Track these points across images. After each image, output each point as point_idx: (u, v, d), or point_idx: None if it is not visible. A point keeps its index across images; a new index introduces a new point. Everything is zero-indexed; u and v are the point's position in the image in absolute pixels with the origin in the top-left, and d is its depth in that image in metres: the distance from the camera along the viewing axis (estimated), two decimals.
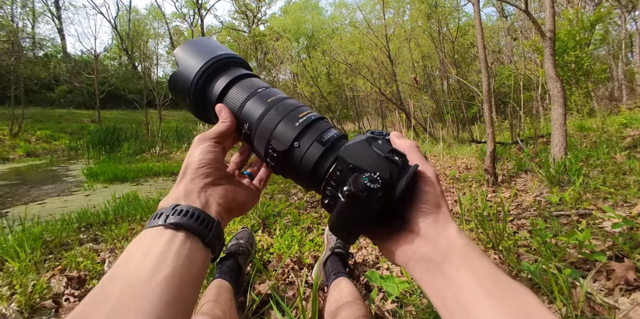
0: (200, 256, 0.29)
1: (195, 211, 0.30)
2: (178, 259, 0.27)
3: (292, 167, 0.37)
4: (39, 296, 1.07)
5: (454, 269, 0.27)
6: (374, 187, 0.28)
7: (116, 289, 0.24)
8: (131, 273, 0.25)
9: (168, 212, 0.30)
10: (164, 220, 0.29)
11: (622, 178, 1.78)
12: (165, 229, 0.28)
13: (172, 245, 0.27)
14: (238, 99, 0.40)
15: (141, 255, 0.27)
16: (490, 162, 2.21)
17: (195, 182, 0.34)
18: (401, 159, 0.31)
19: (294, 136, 0.36)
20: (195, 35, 20.69)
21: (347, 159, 0.31)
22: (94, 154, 6.53)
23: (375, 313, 0.87)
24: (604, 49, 9.25)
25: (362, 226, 0.32)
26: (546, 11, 2.17)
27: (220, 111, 0.39)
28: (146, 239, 0.28)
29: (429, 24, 9.28)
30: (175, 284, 0.25)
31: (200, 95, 0.42)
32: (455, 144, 5.37)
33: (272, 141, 0.36)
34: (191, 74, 0.41)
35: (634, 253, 0.91)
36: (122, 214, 1.97)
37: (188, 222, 0.29)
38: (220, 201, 0.35)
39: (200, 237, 0.29)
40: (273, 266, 1.21)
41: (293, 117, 0.37)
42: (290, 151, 0.36)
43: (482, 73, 2.42)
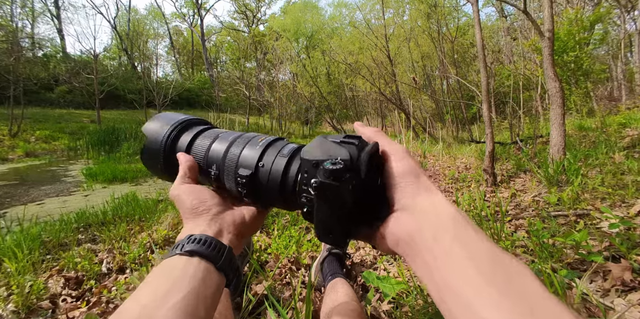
0: (213, 279, 0.31)
1: (207, 238, 0.33)
2: (192, 283, 0.29)
3: (263, 187, 0.38)
4: (36, 296, 1.06)
5: (442, 247, 0.24)
6: (337, 168, 0.28)
7: (135, 310, 0.26)
8: (148, 296, 0.27)
9: (184, 242, 0.33)
10: (180, 249, 0.32)
11: (620, 178, 1.78)
12: (180, 256, 0.31)
13: (187, 270, 0.30)
14: (203, 146, 0.43)
15: (158, 280, 0.29)
16: (489, 162, 2.21)
17: (203, 217, 0.37)
18: (357, 140, 0.32)
19: (256, 157, 0.38)
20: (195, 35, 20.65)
21: (308, 157, 0.32)
22: (94, 154, 6.53)
23: (371, 313, 0.87)
24: (603, 49, 9.25)
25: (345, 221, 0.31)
26: (545, 11, 2.17)
27: (179, 157, 0.42)
28: (165, 266, 0.31)
29: (429, 23, 9.28)
30: (189, 307, 0.27)
31: (170, 156, 0.44)
32: (454, 144, 5.37)
33: (239, 169, 0.38)
34: (159, 139, 0.44)
35: (631, 254, 0.91)
36: (120, 214, 1.97)
37: (201, 249, 0.32)
38: (231, 228, 0.37)
39: (212, 263, 0.32)
40: (270, 266, 1.21)
41: (254, 143, 0.40)
42: (257, 172, 0.38)
43: (481, 73, 2.42)
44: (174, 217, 1.75)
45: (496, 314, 0.19)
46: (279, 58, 13.40)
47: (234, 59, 22.78)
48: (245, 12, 26.01)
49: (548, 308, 0.19)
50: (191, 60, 28.25)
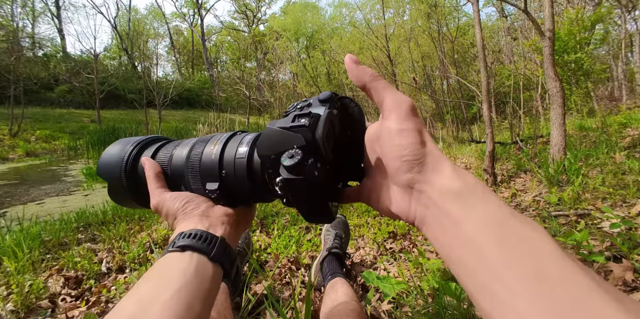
0: (207, 272, 0.31)
1: (197, 232, 0.33)
2: (185, 276, 0.28)
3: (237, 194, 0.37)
4: (35, 296, 1.06)
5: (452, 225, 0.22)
6: (295, 161, 0.26)
7: (130, 306, 0.26)
8: (143, 292, 0.28)
9: (176, 239, 0.33)
10: (172, 246, 0.32)
11: (621, 178, 1.78)
12: (173, 253, 0.31)
13: (180, 264, 0.30)
14: (165, 155, 0.41)
15: (152, 276, 0.30)
16: (490, 162, 2.21)
17: (192, 214, 0.36)
18: (306, 118, 0.28)
19: (216, 166, 0.36)
20: (195, 35, 20.65)
21: (265, 153, 0.29)
22: (94, 153, 6.53)
23: (371, 313, 0.86)
24: (604, 48, 9.25)
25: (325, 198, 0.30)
26: (545, 11, 2.16)
27: (144, 163, 0.41)
28: (158, 265, 0.31)
29: (429, 23, 9.28)
30: (184, 301, 0.27)
31: (133, 177, 0.42)
32: (454, 144, 5.37)
33: (206, 185, 0.37)
34: (117, 169, 0.41)
35: (632, 254, 0.91)
36: (120, 214, 1.97)
37: (192, 242, 0.31)
38: (223, 219, 0.36)
39: (205, 255, 0.31)
40: (270, 266, 1.21)
41: (208, 154, 0.38)
42: (222, 182, 0.36)
43: (481, 73, 2.41)
44: None
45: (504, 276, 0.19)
46: (279, 58, 13.40)
47: (234, 59, 22.79)
48: (246, 12, 26.01)
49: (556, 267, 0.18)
50: (191, 60, 28.26)
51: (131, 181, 0.41)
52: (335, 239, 1.11)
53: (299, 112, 0.29)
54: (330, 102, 0.31)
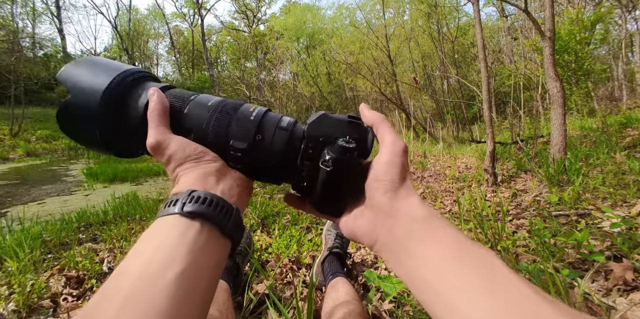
0: (217, 247, 0.27)
1: (213, 198, 0.28)
2: (193, 252, 0.24)
3: (260, 162, 0.34)
4: (37, 295, 1.06)
5: (417, 246, 0.26)
6: (351, 146, 0.30)
7: (126, 285, 0.22)
8: (143, 268, 0.23)
9: (184, 199, 0.27)
10: (180, 208, 0.26)
11: (621, 178, 1.78)
12: (180, 217, 0.26)
13: (187, 236, 0.25)
14: (180, 95, 0.35)
15: (154, 247, 0.25)
16: (490, 162, 2.21)
17: (208, 168, 0.31)
18: (361, 120, 0.34)
19: (254, 129, 0.34)
20: (195, 35, 20.66)
21: (315, 133, 0.32)
22: (94, 153, 6.54)
23: (372, 313, 0.86)
24: (604, 48, 9.24)
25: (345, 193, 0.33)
26: (546, 11, 2.16)
27: (153, 93, 0.33)
28: (159, 229, 0.26)
29: (429, 23, 9.28)
30: (190, 279, 0.23)
31: (115, 119, 0.33)
32: (455, 143, 5.37)
33: (231, 141, 0.33)
34: (95, 93, 0.32)
35: (633, 253, 0.91)
36: (121, 213, 1.97)
37: (206, 210, 0.27)
38: (237, 185, 0.32)
39: (218, 227, 0.27)
40: (271, 266, 1.21)
41: (245, 113, 0.35)
42: (254, 144, 0.34)
43: (482, 73, 2.42)
44: None
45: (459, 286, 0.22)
46: (280, 58, 13.41)
47: (235, 59, 22.80)
48: (246, 12, 26.01)
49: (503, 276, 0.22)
50: (192, 60, 28.26)
51: (110, 113, 0.33)
52: (336, 238, 1.11)
53: (354, 115, 0.34)
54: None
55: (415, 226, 0.27)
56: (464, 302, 0.21)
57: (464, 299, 0.22)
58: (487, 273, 0.22)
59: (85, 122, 0.32)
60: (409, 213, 0.27)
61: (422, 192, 2.21)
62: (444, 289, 0.23)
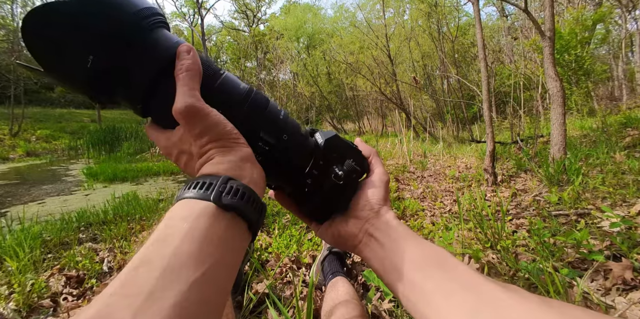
0: (242, 242, 0.26)
1: (251, 194, 0.26)
2: (221, 247, 0.23)
3: (277, 161, 0.34)
4: (37, 295, 1.07)
5: (390, 242, 0.33)
6: (358, 168, 0.37)
7: (149, 280, 0.20)
8: (168, 261, 0.21)
9: (221, 186, 0.25)
10: (217, 197, 0.24)
11: (621, 178, 1.78)
12: (214, 207, 0.24)
13: (218, 230, 0.23)
14: (214, 68, 0.31)
15: (181, 237, 0.22)
16: (490, 162, 2.21)
17: (245, 152, 0.29)
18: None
19: (282, 127, 0.33)
20: (195, 34, 20.68)
21: (332, 149, 0.37)
22: (94, 153, 6.54)
23: (372, 312, 0.87)
24: (604, 48, 9.24)
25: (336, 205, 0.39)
26: (546, 10, 2.16)
27: (188, 50, 0.29)
28: (189, 214, 0.23)
29: (429, 23, 9.28)
30: (216, 278, 0.22)
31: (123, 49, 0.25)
32: (455, 143, 5.37)
33: (261, 133, 0.31)
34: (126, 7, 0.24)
35: (632, 253, 0.91)
36: (121, 213, 1.97)
37: (242, 205, 0.25)
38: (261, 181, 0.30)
39: (248, 223, 0.26)
40: (271, 265, 1.21)
41: (275, 109, 0.33)
42: (279, 143, 0.33)
43: (482, 72, 2.42)
44: None
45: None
46: (280, 57, 13.41)
47: (235, 59, 22.79)
48: (246, 11, 25.99)
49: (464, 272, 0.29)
50: None
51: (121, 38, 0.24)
52: None
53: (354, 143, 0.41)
54: None
55: (390, 230, 0.35)
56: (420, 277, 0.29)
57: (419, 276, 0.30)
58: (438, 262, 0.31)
59: (78, 36, 0.23)
60: (387, 221, 0.36)
61: (422, 192, 2.21)
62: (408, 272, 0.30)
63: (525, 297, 0.24)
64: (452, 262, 0.30)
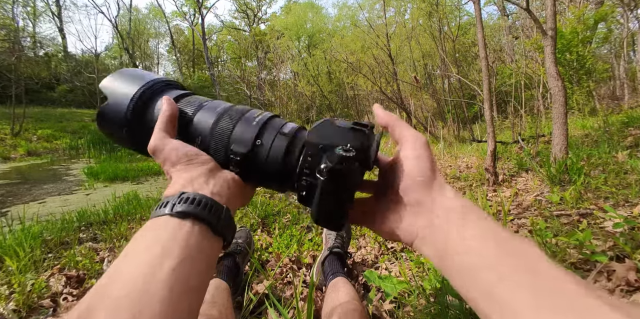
0: (209, 244, 0.28)
1: (202, 198, 0.29)
2: (185, 249, 0.25)
3: (260, 167, 0.35)
4: (37, 295, 1.06)
5: (457, 239, 0.25)
6: (349, 155, 0.28)
7: (119, 283, 0.23)
8: (135, 265, 0.24)
9: (174, 200, 0.28)
10: (171, 209, 0.28)
11: (623, 177, 1.77)
12: (171, 218, 0.27)
13: (179, 234, 0.26)
14: (192, 102, 0.38)
15: (145, 246, 0.26)
16: (491, 162, 2.20)
17: (198, 170, 0.33)
18: (367, 127, 0.31)
19: (254, 134, 0.34)
20: (196, 34, 20.67)
21: (315, 141, 0.31)
22: (95, 153, 6.55)
23: (373, 313, 0.86)
24: (605, 47, 9.21)
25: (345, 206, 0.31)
26: (547, 9, 2.15)
27: (164, 102, 0.37)
28: (151, 229, 0.27)
29: (430, 22, 9.26)
30: (183, 276, 0.24)
31: (139, 122, 0.38)
32: (456, 143, 5.36)
33: (232, 145, 0.34)
34: (125, 100, 0.37)
35: (635, 254, 0.90)
36: (122, 213, 1.97)
37: (195, 210, 0.28)
38: (230, 184, 0.33)
39: (209, 226, 0.28)
40: (271, 265, 1.21)
41: (249, 119, 0.36)
42: (254, 150, 0.34)
43: (483, 72, 2.41)
44: None
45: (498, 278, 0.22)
46: (280, 57, 13.40)
47: (235, 58, 22.78)
48: (246, 11, 25.98)
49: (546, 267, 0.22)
50: (192, 59, 28.26)
51: (136, 121, 0.38)
52: (336, 238, 1.11)
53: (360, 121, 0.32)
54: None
55: (453, 215, 0.27)
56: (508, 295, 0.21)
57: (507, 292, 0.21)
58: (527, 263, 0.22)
59: (117, 123, 0.38)
60: (447, 205, 0.28)
61: None
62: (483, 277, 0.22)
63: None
64: (541, 262, 0.22)
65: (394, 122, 0.34)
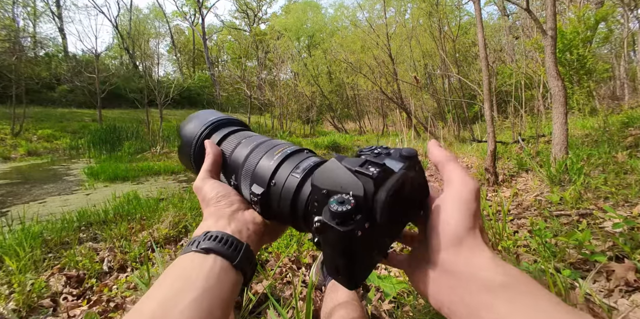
0: (230, 278, 0.30)
1: (224, 235, 0.32)
2: (207, 281, 0.28)
3: (274, 208, 0.35)
4: (37, 295, 1.07)
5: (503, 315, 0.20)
6: (343, 210, 0.23)
7: (149, 309, 0.25)
8: (163, 294, 0.27)
9: (200, 239, 0.32)
10: (196, 246, 0.31)
11: (623, 178, 1.77)
12: (195, 253, 0.30)
13: (202, 268, 0.29)
14: (230, 144, 0.41)
15: (173, 278, 0.28)
16: (491, 162, 2.20)
17: (223, 212, 0.36)
18: (378, 167, 0.25)
19: (269, 173, 0.34)
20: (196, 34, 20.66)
21: (319, 184, 0.27)
22: (95, 153, 6.55)
23: (372, 313, 0.86)
24: (606, 47, 9.20)
25: (355, 265, 0.26)
26: (547, 9, 2.15)
27: (206, 144, 0.42)
28: (179, 264, 0.30)
29: (430, 22, 9.25)
30: (205, 306, 0.26)
31: (200, 154, 0.43)
32: (456, 143, 5.36)
33: (253, 186, 0.35)
34: (191, 141, 0.44)
35: (635, 254, 0.90)
36: (122, 213, 1.97)
37: (217, 246, 0.31)
38: (250, 226, 0.36)
39: (229, 260, 0.30)
40: (271, 265, 1.21)
41: (270, 155, 0.36)
42: (268, 190, 0.34)
43: (483, 72, 2.41)
44: (174, 216, 1.75)
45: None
46: (280, 57, 13.40)
47: (235, 58, 22.78)
48: (247, 11, 25.99)
49: None
50: (192, 59, 28.28)
51: (198, 154, 0.44)
52: None
53: (373, 159, 0.27)
54: (411, 161, 0.28)
55: (491, 297, 0.21)
56: None
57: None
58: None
59: (187, 156, 0.45)
60: (481, 278, 0.22)
61: None
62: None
63: None
64: None
65: (445, 161, 0.29)
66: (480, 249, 0.24)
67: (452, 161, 0.29)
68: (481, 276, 0.22)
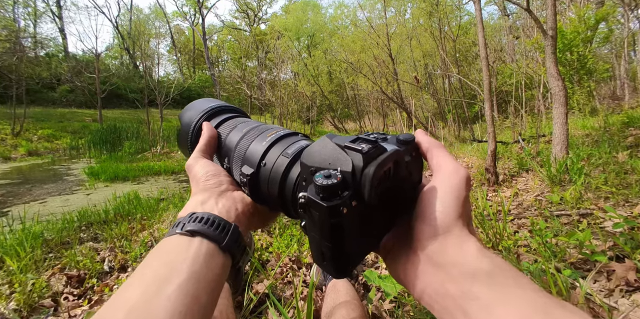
0: (217, 261, 0.29)
1: (210, 216, 0.30)
2: (193, 265, 0.26)
3: (263, 190, 0.34)
4: (38, 294, 1.07)
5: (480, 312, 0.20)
6: (328, 183, 0.21)
7: (132, 297, 0.24)
8: (147, 280, 0.25)
9: (185, 220, 0.30)
10: (181, 228, 0.29)
11: (623, 178, 1.77)
12: (181, 236, 0.29)
13: (188, 251, 0.27)
14: (227, 127, 0.42)
15: (157, 263, 0.27)
16: (491, 162, 2.20)
17: (210, 191, 0.35)
18: (369, 144, 0.24)
19: (260, 155, 0.34)
20: (196, 34, 20.66)
21: (307, 162, 0.25)
22: (96, 153, 6.55)
23: (373, 313, 0.86)
24: (606, 47, 9.20)
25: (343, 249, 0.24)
26: (548, 9, 2.15)
27: (203, 126, 0.42)
28: (163, 247, 0.29)
29: (431, 22, 9.25)
30: (191, 291, 0.25)
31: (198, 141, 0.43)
32: (456, 143, 5.36)
33: (243, 166, 0.35)
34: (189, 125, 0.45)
35: (635, 254, 0.90)
36: (122, 213, 1.97)
37: (203, 228, 0.29)
38: (239, 206, 0.34)
39: (216, 243, 0.29)
40: (271, 265, 1.21)
41: (262, 138, 0.36)
42: (258, 171, 0.34)
43: (483, 72, 2.41)
44: (175, 216, 1.75)
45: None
46: (281, 57, 13.40)
47: (235, 58, 22.79)
48: (247, 11, 26.00)
49: None
50: (193, 59, 28.29)
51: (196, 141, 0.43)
52: None
53: (365, 137, 0.25)
54: (407, 145, 0.27)
55: (477, 286, 0.21)
56: None
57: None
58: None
59: (185, 142, 0.45)
60: (466, 266, 0.22)
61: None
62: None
63: None
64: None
65: (433, 148, 0.28)
66: (468, 238, 0.23)
67: (440, 148, 0.28)
68: (468, 265, 0.22)
